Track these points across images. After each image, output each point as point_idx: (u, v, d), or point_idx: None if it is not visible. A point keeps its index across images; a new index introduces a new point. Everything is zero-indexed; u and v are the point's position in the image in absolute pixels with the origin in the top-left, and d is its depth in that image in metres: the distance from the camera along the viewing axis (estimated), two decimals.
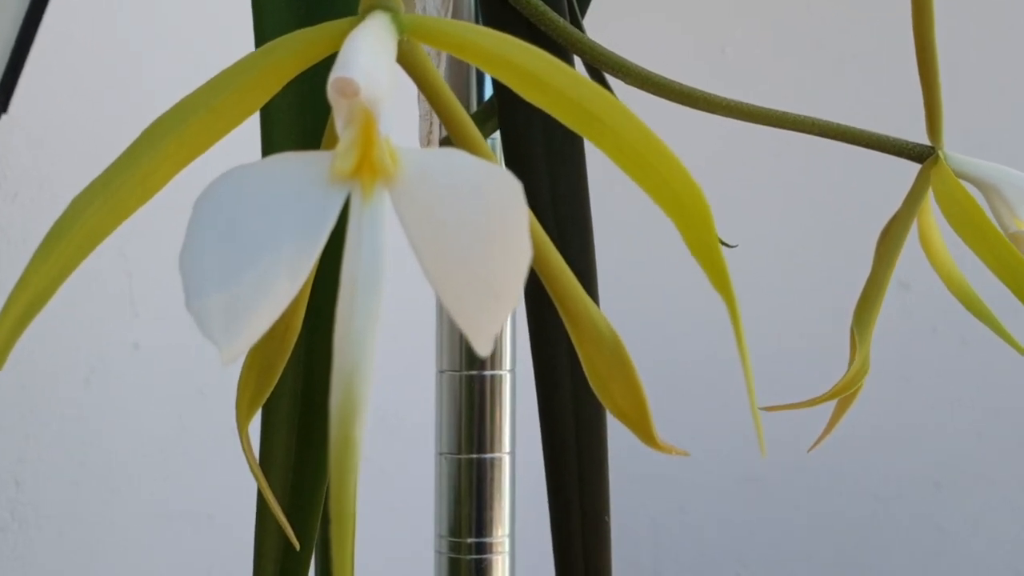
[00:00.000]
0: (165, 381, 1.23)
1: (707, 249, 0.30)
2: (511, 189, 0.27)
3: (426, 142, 0.55)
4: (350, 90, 0.27)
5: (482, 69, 0.31)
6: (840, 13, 1.70)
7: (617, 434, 0.54)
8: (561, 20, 0.51)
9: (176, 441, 1.25)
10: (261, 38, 0.36)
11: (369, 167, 0.28)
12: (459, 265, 0.27)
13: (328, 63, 0.31)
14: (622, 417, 0.37)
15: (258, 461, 0.37)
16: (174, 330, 1.20)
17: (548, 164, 0.51)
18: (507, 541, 0.60)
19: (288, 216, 0.27)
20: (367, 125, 0.27)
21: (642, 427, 0.37)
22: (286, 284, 0.27)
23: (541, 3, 0.51)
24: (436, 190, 0.27)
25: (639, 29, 1.74)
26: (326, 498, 0.38)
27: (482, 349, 0.27)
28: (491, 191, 0.27)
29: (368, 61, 0.27)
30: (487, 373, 0.61)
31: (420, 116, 0.55)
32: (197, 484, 1.26)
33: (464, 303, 0.27)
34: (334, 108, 0.27)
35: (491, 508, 0.60)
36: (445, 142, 0.56)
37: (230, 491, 1.23)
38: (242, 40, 0.40)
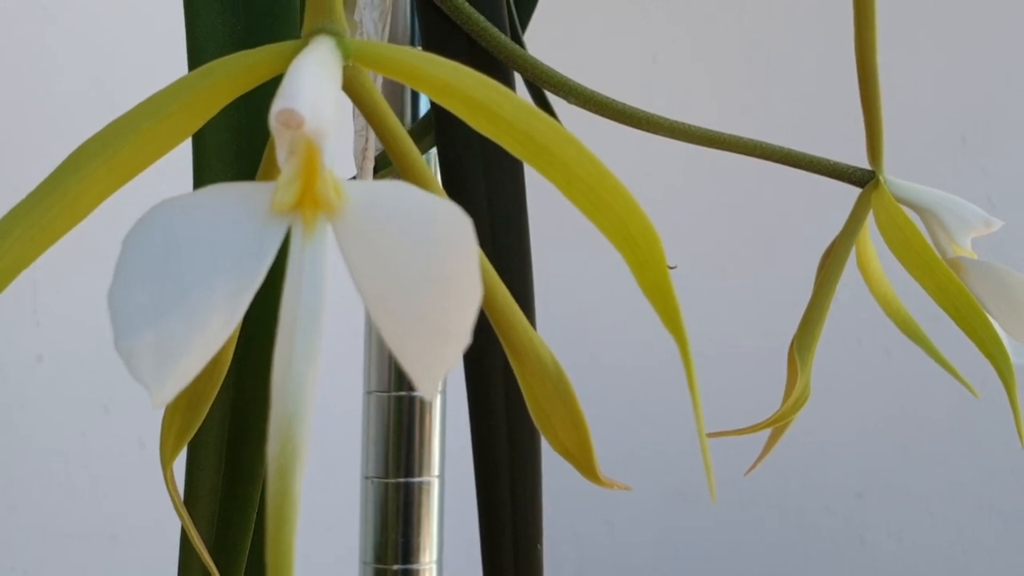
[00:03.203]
0: (69, 395, 1.19)
1: (660, 290, 0.29)
2: (461, 225, 0.26)
3: (361, 157, 0.54)
4: (294, 122, 0.25)
5: (431, 97, 0.30)
6: (779, 30, 1.70)
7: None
8: (502, 36, 0.50)
9: (79, 458, 1.20)
10: (195, 59, 0.35)
11: (312, 200, 0.26)
12: (406, 304, 0.25)
13: (267, 87, 0.30)
14: (564, 452, 0.36)
15: (182, 498, 0.36)
16: (80, 342, 1.17)
17: (487, 185, 0.50)
18: (435, 567, 0.59)
19: (225, 250, 0.26)
20: (310, 157, 0.26)
21: (585, 464, 0.36)
22: (222, 322, 0.25)
23: (482, 18, 0.50)
24: (382, 225, 0.26)
25: (568, 32, 1.73)
26: (252, 537, 0.37)
27: (427, 392, 0.26)
28: (440, 227, 0.26)
29: (313, 91, 0.26)
30: (416, 394, 0.60)
31: (355, 131, 0.54)
32: (100, 504, 1.22)
33: (410, 343, 0.26)
34: (276, 139, 0.26)
35: (418, 533, 0.59)
36: (381, 157, 0.55)
37: (134, 512, 1.19)
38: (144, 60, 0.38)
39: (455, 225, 0.26)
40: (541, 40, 0.57)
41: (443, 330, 0.25)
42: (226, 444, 0.35)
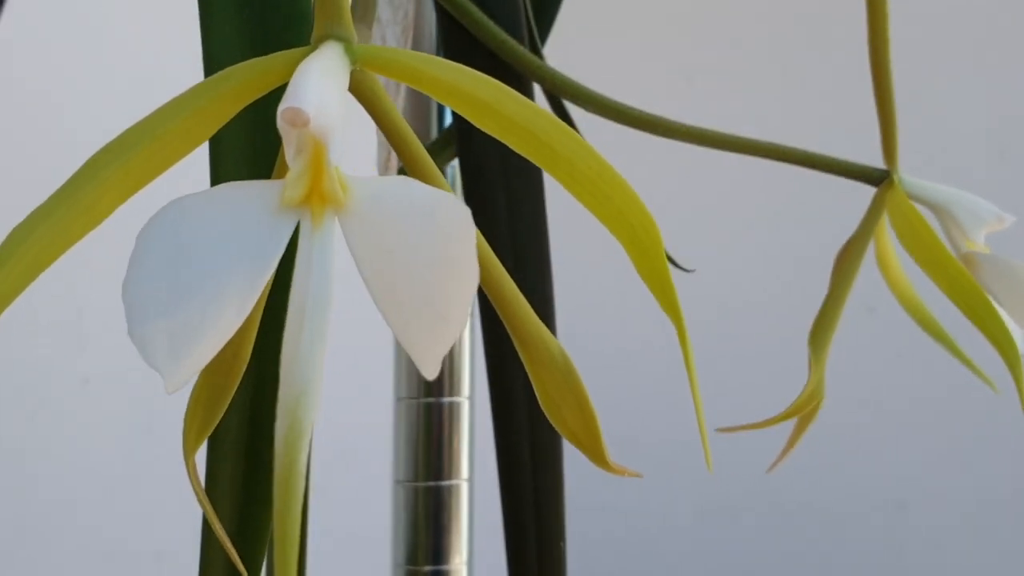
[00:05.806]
0: (115, 417, 1.19)
1: (657, 276, 0.30)
2: (459, 215, 0.27)
3: (384, 169, 0.55)
4: (299, 120, 0.27)
5: (436, 98, 0.31)
6: (803, 41, 1.71)
7: (566, 464, 0.54)
8: (521, 48, 0.51)
9: (125, 479, 1.20)
10: (210, 67, 0.36)
11: (319, 195, 0.28)
12: (406, 289, 0.27)
13: (281, 92, 0.31)
14: (574, 440, 0.37)
15: (203, 488, 0.37)
16: (125, 364, 1.18)
17: (506, 193, 0.51)
18: (465, 569, 0.60)
19: (236, 243, 0.27)
20: (317, 154, 0.28)
21: (594, 451, 0.37)
22: (233, 311, 0.27)
23: (501, 32, 0.51)
24: (385, 217, 0.27)
25: (603, 52, 1.75)
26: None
27: (428, 373, 0.27)
28: (439, 216, 0.27)
29: (318, 91, 0.28)
30: (445, 400, 0.61)
31: (379, 143, 0.55)
32: (145, 523, 1.22)
33: (410, 327, 0.27)
34: (284, 137, 0.28)
35: (449, 535, 0.60)
36: (403, 170, 0.56)
37: (179, 530, 1.20)
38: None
39: (454, 214, 0.27)
40: (563, 59, 0.58)
41: (442, 315, 0.27)
42: (246, 435, 0.37)
